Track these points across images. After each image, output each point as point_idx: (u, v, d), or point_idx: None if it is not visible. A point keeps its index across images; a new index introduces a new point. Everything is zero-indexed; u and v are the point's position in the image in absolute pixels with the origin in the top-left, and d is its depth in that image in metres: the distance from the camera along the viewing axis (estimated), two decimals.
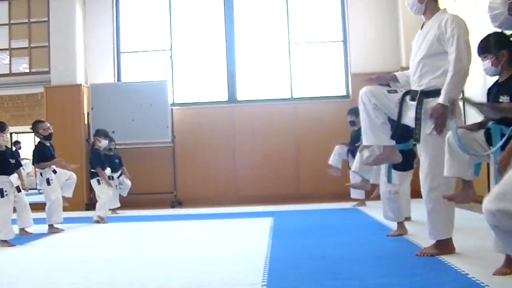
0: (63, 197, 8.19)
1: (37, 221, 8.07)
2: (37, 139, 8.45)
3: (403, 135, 5.44)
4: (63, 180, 8.23)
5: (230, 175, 11.58)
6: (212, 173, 11.60)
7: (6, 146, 7.09)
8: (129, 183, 10.50)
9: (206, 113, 11.76)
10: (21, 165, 7.24)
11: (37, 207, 10.15)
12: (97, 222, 8.75)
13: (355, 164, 7.93)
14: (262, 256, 5.20)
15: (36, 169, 8.36)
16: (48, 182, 7.99)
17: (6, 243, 6.64)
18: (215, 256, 5.51)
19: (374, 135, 5.01)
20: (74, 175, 8.36)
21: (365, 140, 5.13)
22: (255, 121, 11.62)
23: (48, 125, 8.24)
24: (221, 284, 4.24)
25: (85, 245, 6.83)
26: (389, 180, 6.01)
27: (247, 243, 6.27)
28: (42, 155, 8.07)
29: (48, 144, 8.21)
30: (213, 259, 5.30)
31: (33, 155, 8.22)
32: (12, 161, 7.01)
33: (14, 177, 6.94)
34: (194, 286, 4.22)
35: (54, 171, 8.08)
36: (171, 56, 11.98)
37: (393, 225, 6.30)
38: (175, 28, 12.09)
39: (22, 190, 7.21)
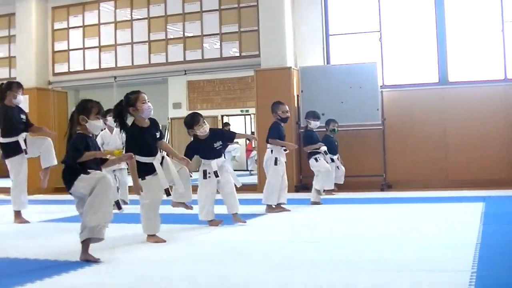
0: None
1: (250, 202, 9.38)
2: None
3: None
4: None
5: (440, 158, 12.50)
6: (422, 156, 12.57)
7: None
8: (343, 168, 11.69)
9: (416, 95, 12.75)
10: (220, 155, 7.80)
11: (246, 188, 11.49)
12: (315, 203, 9.82)
13: None
14: (472, 243, 5.50)
15: (268, 146, 9.05)
16: (275, 161, 8.88)
17: (214, 221, 7.54)
18: (422, 240, 5.94)
19: None
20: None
21: None
22: (467, 103, 12.41)
23: (287, 108, 9.12)
24: (429, 269, 4.56)
25: (294, 226, 7.63)
26: None
27: (457, 228, 6.69)
28: (278, 133, 8.96)
29: (282, 126, 9.09)
30: (421, 244, 5.72)
31: (269, 132, 9.10)
32: (216, 144, 7.70)
33: (214, 163, 7.61)
34: (401, 271, 4.56)
35: (285, 149, 8.99)
36: (380, 38, 13.12)
37: None
38: (384, 9, 13.22)
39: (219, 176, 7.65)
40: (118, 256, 5.55)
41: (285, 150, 9.01)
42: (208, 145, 7.66)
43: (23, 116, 8.67)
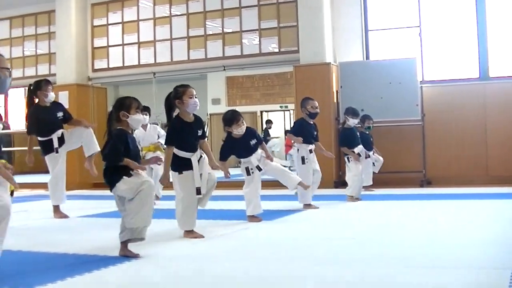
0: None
1: (287, 198, 9.54)
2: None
3: None
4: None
5: (481, 155, 12.59)
6: (462, 152, 12.69)
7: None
8: (382, 159, 11.78)
9: (456, 91, 12.86)
10: (256, 150, 7.87)
11: None
12: (351, 199, 9.91)
13: None
14: None
15: (295, 144, 9.16)
16: (303, 160, 8.94)
17: (254, 217, 7.66)
18: (461, 237, 6.01)
19: None
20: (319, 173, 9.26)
21: None
22: (508, 98, 12.45)
23: (317, 104, 9.16)
24: (467, 267, 4.59)
25: (332, 222, 7.69)
26: None
27: (497, 225, 6.76)
28: (302, 130, 9.06)
29: (311, 122, 9.16)
30: (460, 240, 5.78)
31: (293, 126, 9.45)
32: (253, 142, 7.80)
33: (254, 158, 7.77)
34: (439, 267, 4.59)
35: (311, 151, 9.02)
36: (420, 33, 13.25)
37: None
38: (423, 4, 13.35)
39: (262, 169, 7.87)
40: (156, 252, 5.66)
41: (310, 151, 9.06)
42: (244, 143, 7.75)
43: (59, 114, 8.78)
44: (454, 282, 4.17)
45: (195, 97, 6.51)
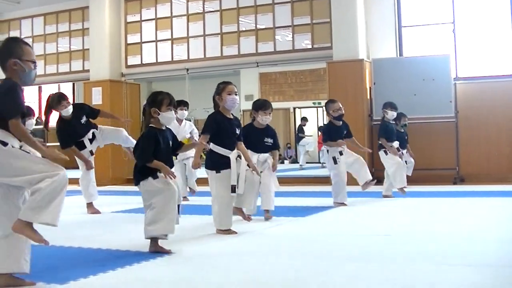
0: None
1: (320, 194, 9.54)
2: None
3: None
4: (349, 161, 9.27)
5: None
6: (497, 149, 12.75)
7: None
8: (413, 160, 11.66)
9: (490, 87, 12.90)
10: (265, 151, 7.70)
11: (319, 180, 11.65)
12: (386, 196, 10.07)
13: None
14: None
15: (324, 146, 9.29)
16: (334, 160, 9.01)
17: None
18: (495, 234, 6.03)
19: None
20: (361, 158, 9.44)
21: None
22: None
23: (340, 106, 9.15)
24: (501, 264, 4.65)
25: (366, 219, 7.72)
26: None
27: None
28: (330, 134, 9.14)
29: (340, 124, 9.19)
30: (494, 238, 5.79)
31: (323, 133, 9.62)
32: (267, 140, 7.68)
33: (255, 157, 7.46)
34: (468, 266, 4.58)
35: (341, 152, 9.05)
36: (453, 29, 13.29)
37: None
38: (457, 0, 13.37)
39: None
40: (189, 248, 5.72)
41: (341, 153, 9.08)
42: (260, 136, 7.69)
43: (83, 120, 8.91)
44: (491, 278, 4.20)
45: (235, 94, 6.68)
